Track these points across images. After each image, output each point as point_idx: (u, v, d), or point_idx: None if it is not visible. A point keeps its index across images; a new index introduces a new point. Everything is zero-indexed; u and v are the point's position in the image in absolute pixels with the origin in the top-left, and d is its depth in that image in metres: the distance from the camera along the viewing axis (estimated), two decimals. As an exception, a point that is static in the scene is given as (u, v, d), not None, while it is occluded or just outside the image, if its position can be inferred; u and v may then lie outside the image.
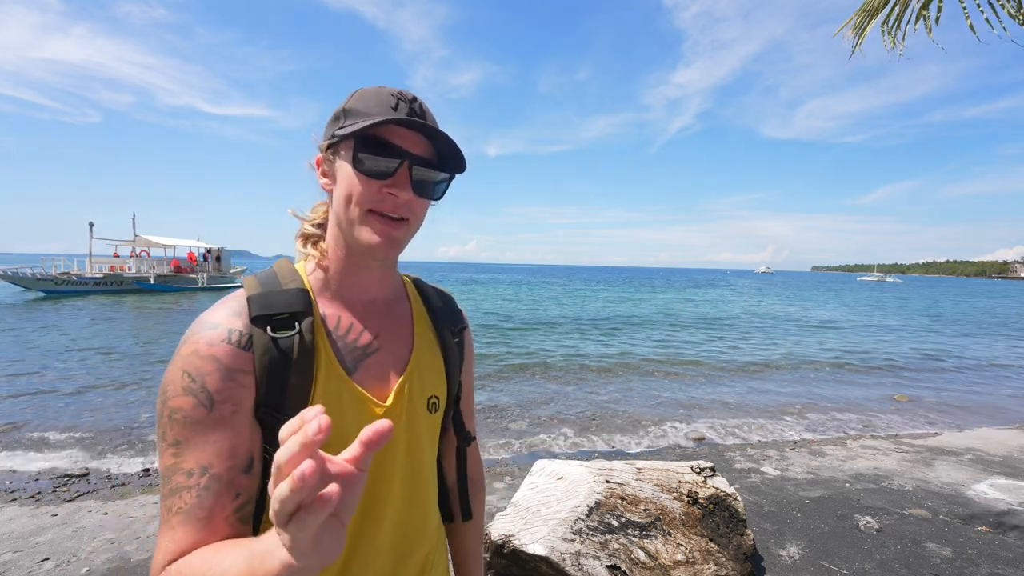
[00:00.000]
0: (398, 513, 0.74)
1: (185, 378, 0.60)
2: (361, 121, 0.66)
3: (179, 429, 0.59)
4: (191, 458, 0.58)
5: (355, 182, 0.67)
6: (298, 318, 0.66)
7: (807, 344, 13.25)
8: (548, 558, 2.01)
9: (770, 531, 3.19)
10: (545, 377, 8.40)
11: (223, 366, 0.61)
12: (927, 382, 8.82)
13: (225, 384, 0.60)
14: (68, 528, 3.19)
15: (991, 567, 2.81)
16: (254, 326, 0.64)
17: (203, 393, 0.59)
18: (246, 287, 0.69)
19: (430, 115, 0.72)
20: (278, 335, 0.64)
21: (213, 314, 0.65)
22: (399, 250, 0.72)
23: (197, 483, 0.58)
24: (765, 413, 6.57)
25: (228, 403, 0.60)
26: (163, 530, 0.58)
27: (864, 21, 2.96)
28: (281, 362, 0.63)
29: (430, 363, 0.80)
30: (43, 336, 11.49)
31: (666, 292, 42.00)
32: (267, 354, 0.63)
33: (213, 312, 0.66)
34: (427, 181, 0.69)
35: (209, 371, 0.60)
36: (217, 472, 0.59)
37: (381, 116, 0.65)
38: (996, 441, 5.27)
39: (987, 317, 23.43)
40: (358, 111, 0.68)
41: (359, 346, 0.72)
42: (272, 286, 0.69)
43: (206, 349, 0.61)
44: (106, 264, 27.42)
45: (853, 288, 66.09)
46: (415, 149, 0.67)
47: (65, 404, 6.30)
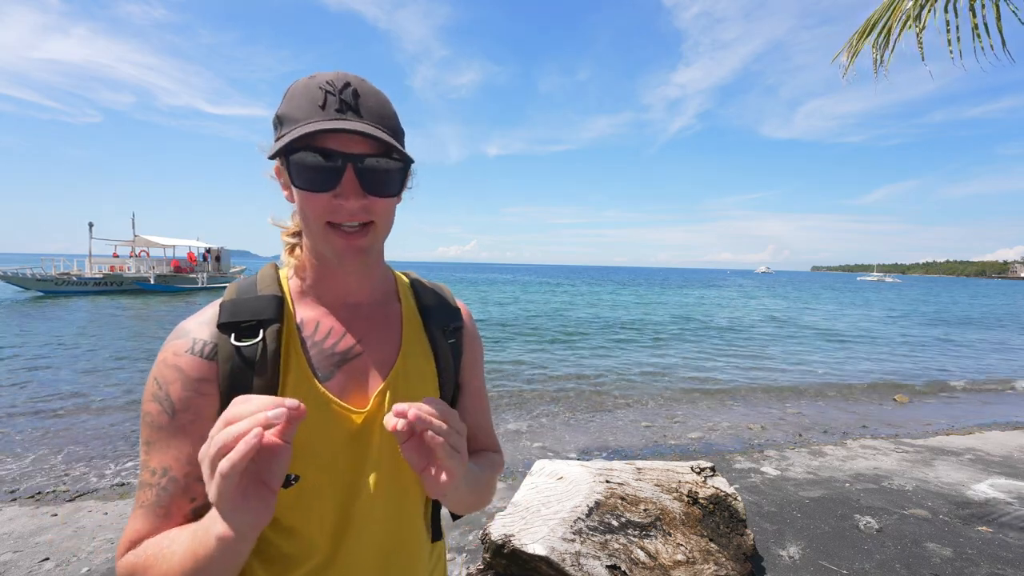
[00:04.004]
0: (384, 532, 0.69)
1: (154, 384, 0.63)
2: (288, 131, 0.61)
3: (148, 431, 0.63)
4: (155, 459, 0.63)
5: (303, 197, 0.62)
6: (264, 325, 0.65)
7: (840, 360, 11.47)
8: (548, 558, 2.01)
9: (770, 531, 3.19)
10: (545, 377, 8.40)
11: (185, 376, 0.63)
12: (927, 383, 8.83)
13: (186, 393, 0.62)
14: (68, 528, 3.18)
15: (991, 567, 2.81)
16: (220, 333, 0.65)
17: (167, 401, 0.62)
18: (226, 293, 0.70)
19: (369, 95, 0.64)
20: (241, 343, 0.64)
21: (188, 321, 0.68)
22: (370, 256, 0.68)
23: (158, 483, 0.62)
24: (766, 414, 6.57)
25: (189, 412, 0.62)
26: (131, 515, 0.64)
27: (856, 43, 3.04)
28: (243, 370, 0.63)
29: (419, 367, 0.75)
30: (42, 336, 11.48)
31: (678, 293, 42.00)
32: (229, 362, 0.63)
33: (188, 319, 0.68)
34: (379, 178, 0.63)
35: (172, 380, 0.63)
36: (175, 476, 0.62)
37: (307, 119, 0.60)
38: (996, 441, 5.27)
39: (988, 315, 23.44)
40: (289, 117, 0.62)
41: (337, 352, 0.69)
42: (247, 292, 0.69)
43: (172, 359, 0.64)
44: (106, 264, 27.40)
45: (857, 288, 66.08)
46: (354, 148, 0.61)
47: (66, 404, 6.30)
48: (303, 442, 0.63)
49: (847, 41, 3.16)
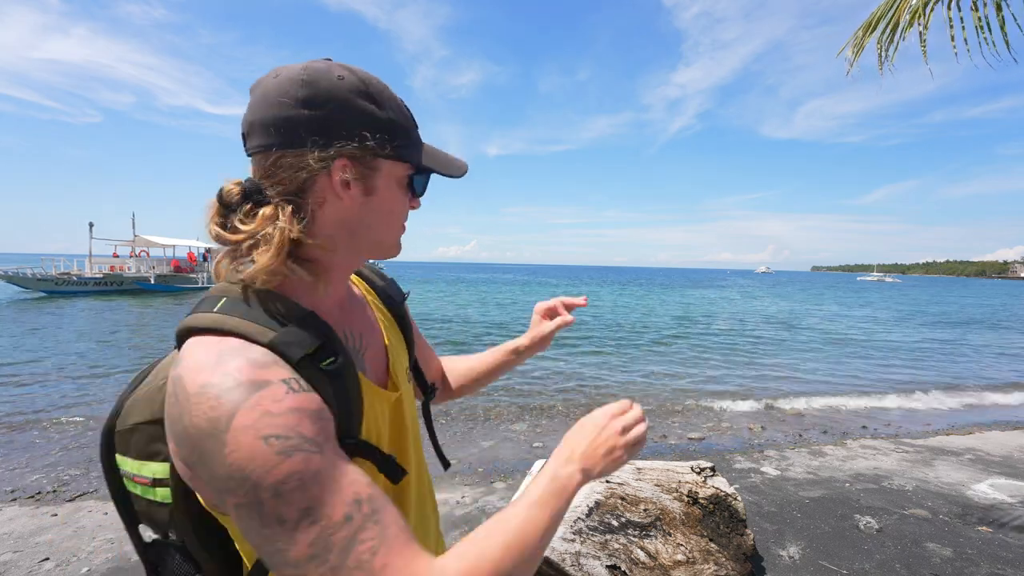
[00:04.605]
0: (417, 494, 0.78)
1: (273, 443, 0.48)
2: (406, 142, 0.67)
3: (301, 496, 0.48)
4: (337, 509, 0.49)
5: (402, 201, 0.69)
6: (333, 342, 0.61)
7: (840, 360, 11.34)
8: (548, 558, 2.01)
9: (770, 531, 3.19)
10: (545, 377, 8.40)
11: (306, 411, 0.52)
12: (928, 381, 8.83)
13: (317, 426, 0.53)
14: (68, 528, 3.18)
15: (991, 567, 2.81)
16: (299, 367, 0.56)
17: (306, 443, 0.50)
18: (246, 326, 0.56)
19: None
20: (327, 367, 0.59)
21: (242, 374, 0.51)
22: None
23: (365, 515, 0.51)
24: (766, 414, 6.57)
25: (329, 441, 0.54)
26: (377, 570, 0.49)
27: (863, 37, 3.03)
28: (337, 386, 0.59)
29: (396, 339, 0.84)
30: (43, 336, 11.50)
31: (679, 293, 42.00)
32: (324, 385, 0.58)
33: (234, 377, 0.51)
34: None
35: (295, 422, 0.51)
36: (369, 494, 0.53)
37: (412, 129, 0.68)
38: (996, 441, 5.27)
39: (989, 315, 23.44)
40: (402, 126, 0.66)
41: (356, 347, 0.72)
42: (284, 317, 0.59)
43: (277, 406, 0.50)
44: (106, 264, 27.42)
45: (858, 289, 66.08)
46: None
47: (66, 404, 6.30)
48: (386, 436, 0.71)
49: (852, 35, 3.16)
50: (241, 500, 0.48)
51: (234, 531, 0.61)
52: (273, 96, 0.59)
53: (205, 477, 0.51)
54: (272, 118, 0.59)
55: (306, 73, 0.60)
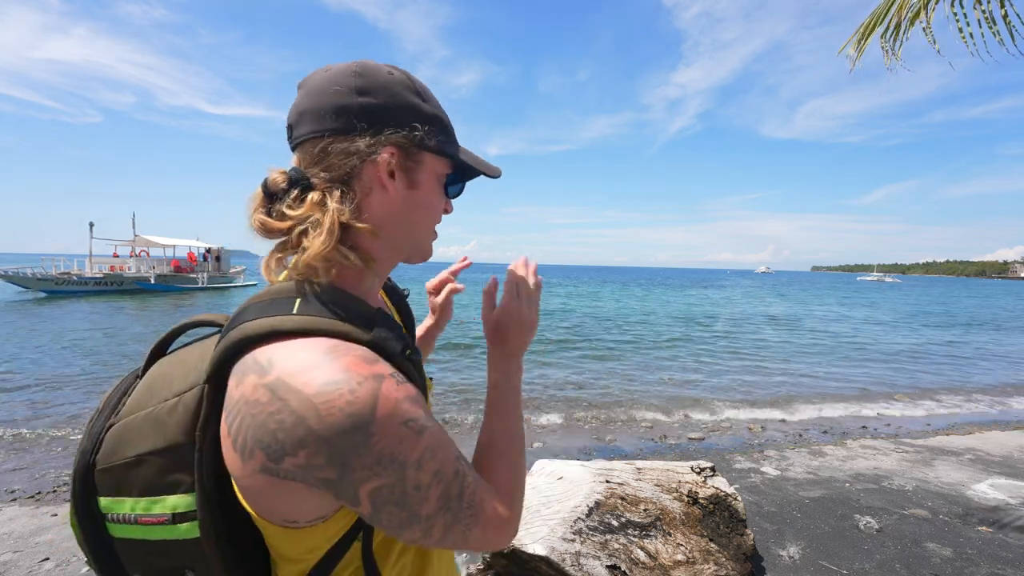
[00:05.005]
0: None
1: (412, 425, 0.54)
2: (449, 139, 0.70)
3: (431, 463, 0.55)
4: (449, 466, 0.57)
5: (441, 199, 0.71)
6: (404, 337, 0.63)
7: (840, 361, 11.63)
8: (548, 558, 2.01)
9: (770, 531, 3.19)
10: (544, 378, 8.40)
11: (416, 398, 0.57)
12: (928, 381, 8.83)
13: (423, 406, 0.58)
14: (68, 528, 3.18)
15: (991, 567, 2.81)
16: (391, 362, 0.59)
17: (428, 420, 0.57)
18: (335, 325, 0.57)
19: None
20: (411, 357, 0.63)
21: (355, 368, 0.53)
22: None
23: (464, 465, 0.61)
24: (766, 414, 6.57)
25: (431, 416, 0.61)
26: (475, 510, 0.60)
27: (865, 34, 3.02)
28: (418, 376, 0.65)
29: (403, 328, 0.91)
30: (43, 336, 11.50)
31: (679, 293, 41.99)
32: (413, 374, 0.62)
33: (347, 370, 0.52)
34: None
35: (417, 405, 0.56)
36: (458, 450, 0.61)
37: (452, 129, 0.71)
38: (996, 441, 5.27)
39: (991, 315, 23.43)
40: (445, 123, 0.69)
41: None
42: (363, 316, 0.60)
43: (400, 394, 0.54)
44: (106, 264, 27.44)
45: (858, 289, 66.07)
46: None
47: (67, 404, 6.30)
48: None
49: (855, 31, 3.15)
50: (385, 481, 0.52)
51: (282, 543, 0.59)
52: (327, 86, 0.61)
53: (338, 473, 0.51)
54: (326, 104, 0.61)
55: (358, 66, 0.63)
